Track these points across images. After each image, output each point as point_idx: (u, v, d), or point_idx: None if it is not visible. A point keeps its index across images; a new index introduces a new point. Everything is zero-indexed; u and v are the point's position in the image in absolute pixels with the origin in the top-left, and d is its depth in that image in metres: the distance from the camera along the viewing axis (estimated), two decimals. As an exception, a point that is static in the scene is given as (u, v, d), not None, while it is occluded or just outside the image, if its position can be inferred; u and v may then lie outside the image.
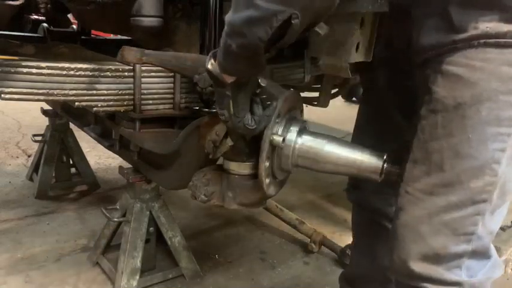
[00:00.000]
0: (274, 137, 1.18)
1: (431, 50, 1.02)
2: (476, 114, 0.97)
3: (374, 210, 1.52)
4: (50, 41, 2.24)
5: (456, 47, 0.97)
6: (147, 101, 1.54)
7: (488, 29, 0.94)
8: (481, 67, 0.96)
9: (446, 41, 0.98)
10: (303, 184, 3.10)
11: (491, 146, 0.99)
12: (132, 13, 1.44)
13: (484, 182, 1.00)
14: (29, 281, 1.97)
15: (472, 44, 0.95)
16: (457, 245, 1.05)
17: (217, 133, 1.24)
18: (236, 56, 0.97)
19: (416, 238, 1.08)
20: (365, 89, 1.54)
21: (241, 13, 0.89)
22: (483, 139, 0.98)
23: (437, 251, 1.06)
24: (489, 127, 0.98)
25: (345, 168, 1.22)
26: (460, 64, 0.98)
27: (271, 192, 1.31)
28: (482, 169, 1.00)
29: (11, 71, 1.32)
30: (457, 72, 0.98)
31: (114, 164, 3.27)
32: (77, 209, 2.66)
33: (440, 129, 1.01)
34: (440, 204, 1.04)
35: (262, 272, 2.18)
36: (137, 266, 1.88)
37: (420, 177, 1.07)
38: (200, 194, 1.31)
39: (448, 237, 1.05)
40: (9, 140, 3.75)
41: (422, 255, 1.08)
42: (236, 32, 0.92)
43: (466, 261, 1.08)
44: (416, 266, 1.08)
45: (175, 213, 2.21)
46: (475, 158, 0.99)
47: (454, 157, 1.01)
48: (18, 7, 1.76)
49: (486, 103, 0.96)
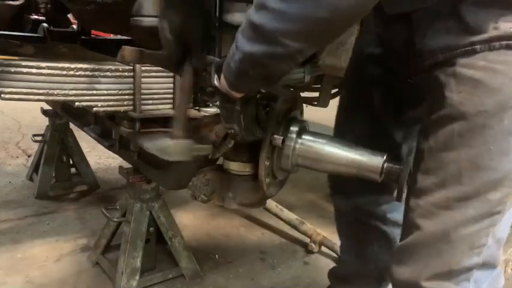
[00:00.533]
0: (274, 137, 1.18)
1: (443, 53, 0.95)
2: (499, 123, 0.91)
3: (362, 211, 1.50)
4: (50, 41, 2.23)
5: (474, 48, 0.91)
6: (147, 101, 1.54)
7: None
8: (503, 71, 0.90)
9: (461, 42, 0.92)
10: (303, 184, 3.10)
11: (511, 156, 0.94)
12: (132, 13, 1.44)
13: (501, 194, 0.96)
14: (29, 281, 1.96)
15: (493, 46, 0.89)
16: (470, 258, 1.01)
17: (217, 134, 1.24)
18: (252, 79, 0.95)
19: (432, 256, 1.03)
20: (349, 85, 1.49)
21: (262, 46, 0.85)
22: (504, 150, 0.94)
23: (452, 268, 1.02)
24: (511, 137, 0.93)
25: (345, 168, 1.22)
26: (478, 67, 0.91)
27: (271, 192, 1.31)
28: (501, 181, 0.95)
29: (11, 71, 1.32)
30: (475, 76, 0.91)
31: (114, 164, 3.27)
32: (77, 209, 2.66)
33: (457, 138, 0.95)
34: (458, 218, 0.99)
35: (262, 272, 2.18)
36: (137, 266, 1.87)
37: (433, 190, 1.01)
38: (200, 194, 1.31)
39: (464, 253, 1.01)
40: (9, 140, 3.74)
41: (436, 274, 1.04)
42: (256, 63, 0.89)
43: (475, 273, 1.04)
44: (427, 284, 1.04)
45: (175, 213, 2.21)
46: (494, 170, 0.95)
47: (472, 169, 0.95)
48: (18, 7, 1.77)
49: (509, 111, 0.91)
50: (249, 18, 0.87)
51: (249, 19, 0.87)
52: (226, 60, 0.97)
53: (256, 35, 0.86)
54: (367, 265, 1.59)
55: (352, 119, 1.43)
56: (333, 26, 0.83)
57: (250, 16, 0.87)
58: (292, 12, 0.80)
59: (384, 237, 1.52)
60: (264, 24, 0.83)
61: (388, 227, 1.50)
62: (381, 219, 1.51)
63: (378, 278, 1.61)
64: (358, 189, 1.45)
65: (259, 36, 0.85)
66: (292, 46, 0.84)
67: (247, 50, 0.88)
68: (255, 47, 0.87)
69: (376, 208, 1.49)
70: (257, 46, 0.86)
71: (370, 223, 1.52)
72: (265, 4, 0.82)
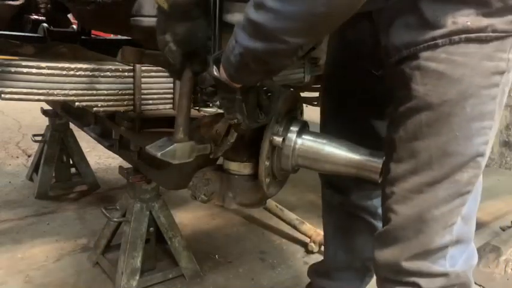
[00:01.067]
0: (274, 137, 1.18)
1: (407, 49, 0.99)
2: (462, 111, 0.97)
3: (354, 205, 1.53)
4: (50, 41, 2.24)
5: (436, 43, 0.95)
6: (147, 101, 1.54)
7: (469, 24, 0.93)
8: (463, 62, 0.95)
9: (423, 38, 0.96)
10: (303, 184, 3.10)
11: (475, 140, 1.00)
12: (132, 13, 1.44)
13: (468, 175, 1.03)
14: (29, 281, 1.96)
15: (453, 40, 0.94)
16: (443, 237, 1.07)
17: (217, 131, 1.24)
18: (252, 72, 0.97)
19: (410, 238, 1.09)
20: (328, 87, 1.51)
21: (263, 43, 0.88)
22: (469, 135, 1.00)
23: (428, 247, 1.08)
24: (474, 123, 0.99)
25: (345, 168, 1.22)
26: (440, 60, 0.96)
27: (271, 192, 1.31)
28: (467, 163, 1.01)
29: (11, 71, 1.32)
30: (439, 68, 0.96)
31: (114, 164, 3.27)
32: (77, 209, 2.66)
33: (425, 128, 1.01)
34: (430, 201, 1.05)
35: (262, 272, 2.18)
36: (137, 266, 1.87)
37: (406, 176, 1.07)
38: (200, 194, 1.31)
39: (438, 232, 1.07)
40: (9, 140, 3.75)
41: (414, 254, 1.09)
42: (257, 58, 0.91)
43: (450, 251, 1.09)
44: (407, 264, 1.10)
45: (175, 213, 2.21)
46: (461, 154, 1.01)
47: (442, 155, 1.01)
48: (18, 7, 1.77)
49: (470, 99, 0.97)
50: (249, 16, 0.88)
51: (248, 17, 0.88)
52: (226, 53, 0.98)
53: (257, 32, 0.88)
54: (353, 258, 1.60)
55: (335, 121, 1.45)
56: (331, 20, 0.85)
57: (249, 14, 0.88)
58: (291, 11, 0.82)
59: (373, 231, 1.53)
60: (264, 23, 0.85)
61: (377, 222, 1.52)
62: (372, 214, 1.53)
63: (362, 270, 1.64)
64: (351, 185, 1.47)
65: (260, 34, 0.87)
66: (293, 42, 0.86)
67: (248, 45, 0.90)
68: (256, 43, 0.88)
69: (367, 202, 1.52)
70: (258, 43, 0.88)
71: (360, 216, 1.54)
72: (263, 4, 0.84)
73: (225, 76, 1.02)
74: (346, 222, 1.58)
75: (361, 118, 1.39)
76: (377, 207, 1.51)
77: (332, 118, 1.47)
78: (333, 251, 1.66)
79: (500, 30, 0.94)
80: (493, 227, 2.74)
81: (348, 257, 1.61)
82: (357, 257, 1.60)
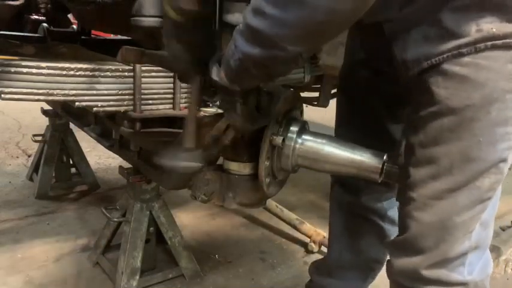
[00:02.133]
0: (274, 137, 1.18)
1: (427, 60, 0.97)
2: (486, 116, 0.95)
3: (363, 206, 1.52)
4: (50, 41, 2.24)
5: (461, 52, 0.93)
6: (147, 101, 1.54)
7: (495, 30, 0.91)
8: (487, 66, 0.93)
9: (446, 47, 0.94)
10: (303, 184, 3.10)
11: (499, 146, 0.98)
12: (132, 13, 1.44)
13: (490, 181, 1.00)
14: (29, 281, 1.96)
15: (479, 48, 0.91)
16: (463, 243, 1.05)
17: (218, 129, 1.23)
18: (252, 77, 0.96)
19: (430, 246, 1.07)
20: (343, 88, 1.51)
21: (263, 50, 0.87)
22: (492, 141, 0.97)
23: (449, 255, 1.06)
24: (498, 128, 0.96)
25: (345, 168, 1.22)
26: (463, 64, 0.94)
27: (271, 192, 1.31)
28: (489, 169, 0.99)
29: (11, 71, 1.32)
30: (461, 72, 0.94)
31: (114, 164, 3.27)
32: (77, 209, 2.66)
33: (447, 132, 0.98)
34: (451, 208, 1.02)
35: (262, 272, 2.18)
36: (137, 266, 1.87)
37: (426, 182, 1.04)
38: (200, 194, 1.31)
39: (458, 240, 1.05)
40: (9, 140, 3.74)
41: (434, 262, 1.07)
42: (257, 64, 0.91)
43: (468, 257, 1.08)
44: (427, 272, 1.08)
45: (175, 213, 2.21)
46: (484, 160, 0.98)
47: (463, 161, 0.98)
48: (18, 7, 1.77)
49: (495, 104, 0.94)
50: (247, 21, 0.87)
51: (247, 22, 0.87)
52: (226, 58, 0.98)
53: (256, 39, 0.87)
54: (358, 258, 1.60)
55: (349, 121, 1.45)
56: (330, 29, 0.84)
57: (248, 20, 0.87)
58: (290, 18, 0.81)
59: (380, 233, 1.54)
60: (262, 30, 0.84)
61: (385, 224, 1.52)
62: (380, 216, 1.52)
63: (366, 271, 1.64)
64: (362, 185, 1.46)
65: (259, 41, 0.86)
66: (292, 49, 0.85)
67: (248, 51, 0.89)
68: (255, 50, 0.88)
69: (377, 204, 1.51)
70: (257, 49, 0.87)
71: (369, 218, 1.53)
72: (262, 10, 0.83)
73: (225, 79, 1.02)
74: (354, 222, 1.57)
75: (374, 119, 1.38)
76: (387, 209, 1.51)
77: (345, 119, 1.47)
78: (338, 250, 1.65)
79: None
80: (493, 227, 2.73)
81: (352, 257, 1.60)
82: (362, 257, 1.59)
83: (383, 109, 1.36)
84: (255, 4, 0.85)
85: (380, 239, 1.54)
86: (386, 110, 1.36)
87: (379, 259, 1.61)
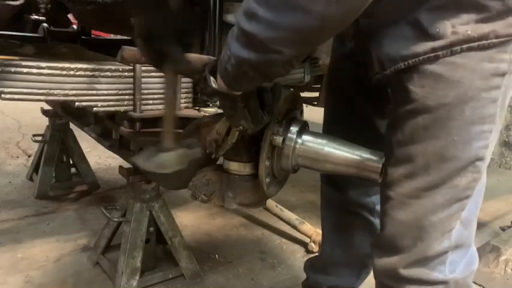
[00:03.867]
0: (274, 137, 1.18)
1: (404, 61, 0.96)
2: (461, 114, 0.95)
3: (352, 202, 1.52)
4: (50, 41, 2.24)
5: (437, 55, 0.93)
6: (147, 101, 1.54)
7: (470, 33, 0.90)
8: (462, 64, 0.93)
9: (423, 50, 0.94)
10: (303, 184, 3.10)
11: (475, 144, 0.98)
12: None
13: (467, 179, 1.00)
14: (29, 281, 1.96)
15: (455, 51, 0.92)
16: (442, 243, 1.05)
17: (218, 132, 1.23)
18: (250, 80, 0.96)
19: (408, 245, 1.07)
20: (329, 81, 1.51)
21: (257, 54, 0.86)
22: (468, 139, 0.97)
23: (427, 254, 1.06)
24: (473, 126, 0.97)
25: (345, 168, 1.22)
26: (439, 63, 0.94)
27: (271, 192, 1.31)
28: (466, 168, 0.99)
29: (11, 71, 1.32)
30: (437, 70, 0.94)
31: (114, 164, 3.27)
32: (77, 209, 2.66)
33: (423, 131, 0.98)
34: (427, 206, 1.03)
35: (262, 272, 2.18)
36: (137, 266, 1.88)
37: (402, 181, 1.04)
38: (200, 194, 1.31)
39: (437, 239, 1.05)
40: (9, 140, 3.75)
41: (412, 261, 1.08)
42: (253, 67, 0.90)
43: (449, 256, 1.08)
44: (406, 271, 1.08)
45: (175, 213, 2.21)
46: (459, 158, 0.98)
47: (439, 160, 0.99)
48: (18, 7, 1.77)
49: (470, 102, 0.94)
50: (240, 25, 0.86)
51: (240, 26, 0.86)
52: (221, 64, 0.97)
53: (250, 43, 0.86)
54: (350, 254, 1.61)
55: (335, 115, 1.45)
56: (324, 32, 0.84)
57: (241, 24, 0.86)
58: (283, 22, 0.80)
59: (370, 228, 1.55)
60: (256, 34, 0.83)
61: (375, 219, 1.52)
62: (370, 211, 1.53)
63: (359, 267, 1.64)
64: (350, 181, 1.46)
65: (253, 45, 0.86)
66: (287, 52, 0.85)
67: (243, 56, 0.89)
68: (250, 54, 0.87)
69: (366, 199, 1.51)
70: (252, 53, 0.87)
71: (358, 213, 1.53)
72: (255, 13, 0.82)
73: (223, 86, 1.01)
74: (344, 218, 1.58)
75: (359, 113, 1.38)
76: (375, 203, 1.51)
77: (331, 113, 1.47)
78: (330, 247, 1.66)
79: (502, 35, 0.91)
80: (493, 227, 2.74)
81: (344, 253, 1.61)
82: (354, 253, 1.60)
83: (368, 104, 1.35)
84: (246, 7, 0.84)
85: (371, 234, 1.53)
86: (371, 105, 1.35)
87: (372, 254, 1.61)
